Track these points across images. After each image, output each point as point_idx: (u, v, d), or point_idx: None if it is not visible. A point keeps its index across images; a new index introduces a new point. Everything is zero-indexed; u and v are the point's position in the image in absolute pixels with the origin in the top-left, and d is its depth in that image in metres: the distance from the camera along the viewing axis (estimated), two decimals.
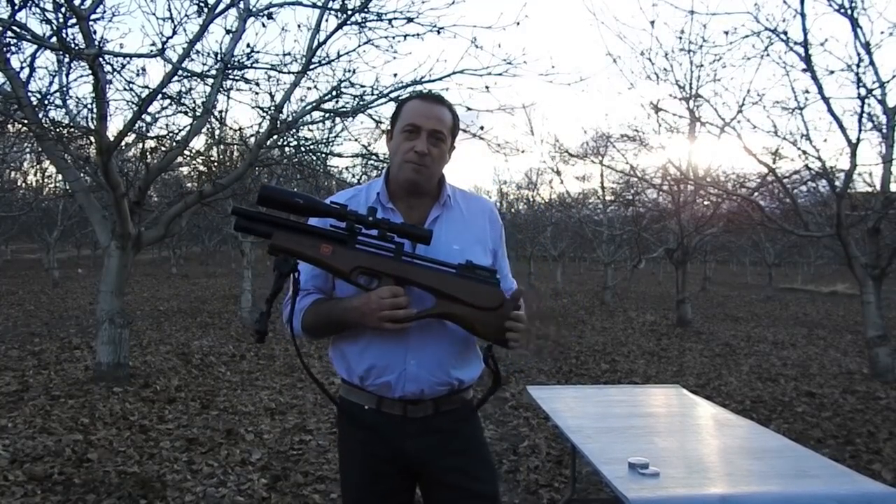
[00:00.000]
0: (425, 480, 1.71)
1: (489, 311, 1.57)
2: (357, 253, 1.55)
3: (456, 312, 1.57)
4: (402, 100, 1.74)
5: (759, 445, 2.55)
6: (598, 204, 17.33)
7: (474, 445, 1.73)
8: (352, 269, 1.53)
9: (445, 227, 1.69)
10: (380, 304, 1.53)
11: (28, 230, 21.31)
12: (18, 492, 3.45)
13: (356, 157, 8.57)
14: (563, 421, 2.89)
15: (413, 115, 1.65)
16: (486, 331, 1.59)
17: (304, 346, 8.66)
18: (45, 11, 4.91)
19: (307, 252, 1.53)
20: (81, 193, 6.30)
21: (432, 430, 1.66)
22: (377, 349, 1.63)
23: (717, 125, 7.43)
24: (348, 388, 1.72)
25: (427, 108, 1.66)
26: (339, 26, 5.86)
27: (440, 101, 1.70)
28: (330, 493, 3.63)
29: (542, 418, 5.00)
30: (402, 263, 1.56)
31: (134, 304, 12.86)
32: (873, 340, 6.86)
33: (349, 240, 1.55)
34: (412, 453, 1.67)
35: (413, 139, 1.63)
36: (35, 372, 6.35)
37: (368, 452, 1.68)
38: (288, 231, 1.53)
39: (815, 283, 26.86)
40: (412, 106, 1.68)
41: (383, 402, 1.66)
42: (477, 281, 1.58)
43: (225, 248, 31.92)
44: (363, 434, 1.69)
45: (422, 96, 1.73)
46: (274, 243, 1.52)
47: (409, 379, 1.63)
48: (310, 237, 1.54)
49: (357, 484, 1.70)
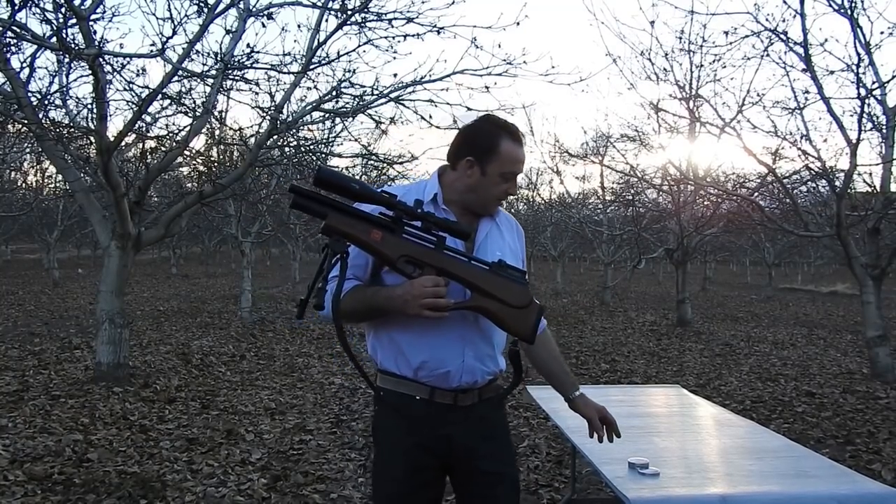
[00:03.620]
0: (462, 468, 1.79)
1: (518, 308, 1.65)
2: (404, 241, 1.61)
3: (488, 307, 1.64)
4: (494, 135, 1.75)
5: (759, 445, 2.55)
6: (598, 204, 17.31)
7: (503, 431, 1.86)
8: (398, 256, 1.60)
9: (493, 241, 1.81)
10: (422, 292, 1.59)
11: (28, 230, 21.29)
12: (18, 492, 3.45)
13: (356, 157, 8.58)
14: (563, 421, 2.89)
15: (513, 164, 1.75)
16: (514, 326, 1.67)
17: (303, 346, 8.66)
18: (45, 11, 4.91)
19: (359, 235, 1.58)
20: (81, 193, 6.29)
21: (474, 418, 1.77)
22: (434, 341, 1.71)
23: (717, 125, 7.42)
24: (396, 380, 1.76)
25: (522, 154, 1.78)
26: (339, 26, 5.85)
27: (524, 142, 1.83)
28: (330, 493, 3.63)
29: (542, 418, 5.00)
30: (444, 256, 1.64)
31: (134, 304, 12.86)
32: (873, 340, 6.86)
33: (396, 228, 1.62)
34: (458, 441, 1.75)
35: (508, 182, 1.77)
36: (35, 372, 6.35)
37: (414, 443, 1.74)
38: (342, 214, 1.58)
39: (815, 283, 26.87)
40: (511, 151, 1.75)
41: (436, 393, 1.73)
42: (509, 279, 1.66)
43: (225, 248, 31.94)
44: (411, 425, 1.75)
45: (515, 138, 1.77)
46: (329, 224, 1.56)
47: (467, 370, 1.73)
48: (362, 222, 1.59)
49: (398, 477, 1.75)
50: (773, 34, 6.61)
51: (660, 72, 7.84)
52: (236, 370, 6.94)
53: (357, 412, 5.34)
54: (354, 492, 3.66)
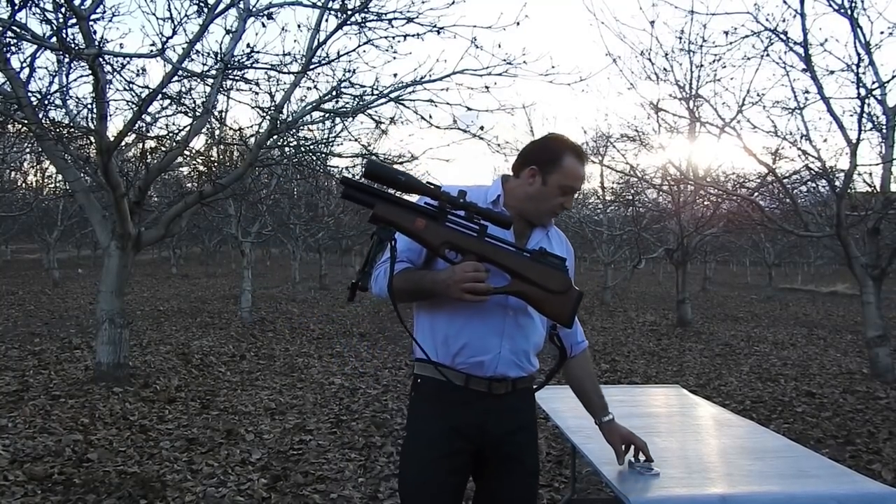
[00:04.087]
0: (489, 454, 1.85)
1: (557, 294, 1.74)
2: (446, 229, 1.70)
3: (527, 292, 1.73)
4: (559, 148, 1.84)
5: (759, 445, 2.55)
6: (598, 204, 17.31)
7: (531, 422, 1.95)
8: (441, 243, 1.69)
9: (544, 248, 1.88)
10: (463, 276, 1.68)
11: (28, 230, 21.29)
12: (18, 492, 3.45)
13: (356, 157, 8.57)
14: (563, 421, 2.89)
15: (574, 179, 1.84)
16: (553, 311, 1.76)
17: (303, 346, 8.66)
18: (45, 11, 4.91)
19: (404, 224, 1.68)
20: (81, 193, 6.29)
21: (508, 407, 1.85)
22: (475, 330, 1.80)
23: (717, 125, 7.42)
24: (433, 366, 1.83)
25: (583, 173, 1.87)
26: (339, 26, 5.85)
27: (586, 162, 1.91)
28: (330, 493, 3.63)
29: (542, 418, 4.99)
30: (485, 243, 1.71)
31: (134, 304, 12.86)
32: (873, 340, 6.86)
33: (440, 217, 1.71)
34: (488, 427, 1.83)
35: (566, 196, 1.85)
36: (35, 372, 6.35)
37: (450, 427, 1.81)
38: (389, 203, 1.68)
39: (815, 283, 26.87)
40: (573, 167, 1.83)
41: (471, 380, 1.81)
42: (549, 266, 1.74)
43: (225, 248, 31.91)
44: (446, 410, 1.82)
45: (579, 155, 1.86)
46: (376, 213, 1.67)
47: (502, 362, 1.82)
48: (407, 211, 1.69)
49: (429, 461, 1.82)
50: (773, 34, 6.61)
51: (660, 72, 7.85)
52: (236, 370, 6.94)
53: (357, 412, 5.34)
54: (354, 492, 3.66)
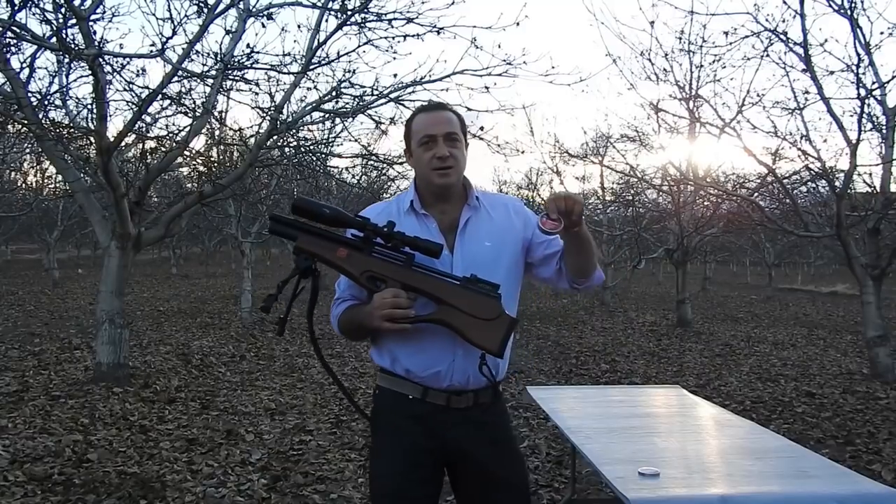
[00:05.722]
0: (458, 470, 1.81)
1: (486, 321, 1.66)
2: (370, 259, 1.70)
3: (452, 320, 1.67)
4: (409, 119, 1.85)
5: (759, 445, 2.55)
6: (598, 204, 17.30)
7: (505, 437, 1.85)
8: (362, 272, 1.70)
9: (477, 227, 1.81)
10: (381, 304, 1.66)
11: (28, 230, 21.27)
12: (18, 492, 3.45)
13: (356, 157, 8.58)
14: (563, 421, 2.89)
15: (425, 127, 1.77)
16: (481, 340, 1.67)
17: (303, 346, 8.66)
18: (45, 12, 4.91)
19: (325, 254, 1.70)
20: (81, 193, 6.29)
21: (471, 421, 1.77)
22: (426, 342, 1.74)
23: (717, 125, 7.42)
24: (392, 378, 1.80)
25: (435, 117, 1.79)
26: (339, 27, 5.86)
27: (444, 108, 1.85)
28: (330, 494, 3.63)
29: (542, 418, 5.00)
30: (409, 271, 1.69)
31: (134, 304, 12.85)
32: (873, 340, 6.86)
33: (365, 247, 1.71)
34: (452, 442, 1.76)
35: (432, 148, 1.76)
36: (35, 372, 6.35)
37: (411, 441, 1.76)
38: (312, 235, 1.72)
39: (815, 283, 26.86)
40: (420, 119, 1.80)
41: (428, 393, 1.76)
42: (478, 293, 1.68)
43: (225, 249, 31.91)
44: (406, 423, 1.77)
45: (425, 108, 1.86)
46: (298, 245, 1.70)
47: (458, 370, 1.74)
48: (330, 242, 1.71)
49: (398, 471, 1.77)
50: (772, 34, 6.61)
51: (660, 72, 7.85)
52: (236, 370, 6.94)
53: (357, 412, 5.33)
54: (354, 492, 3.66)
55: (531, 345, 9.39)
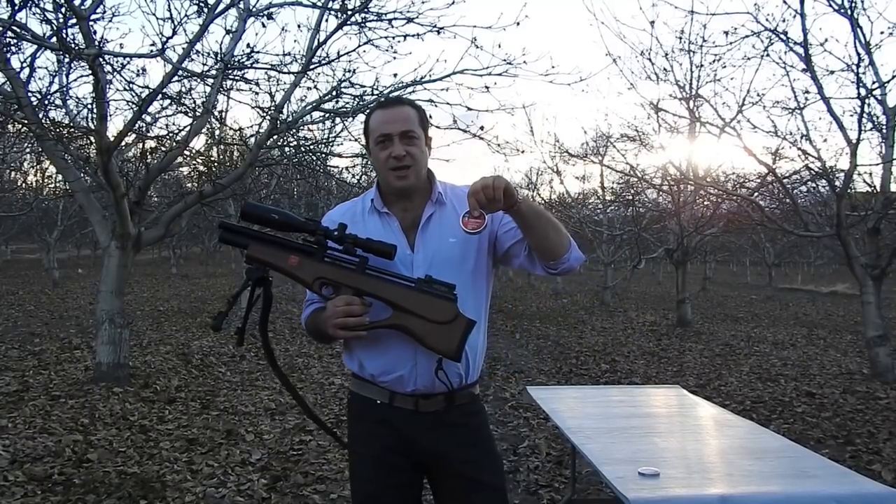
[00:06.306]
0: (436, 473, 1.79)
1: (442, 324, 1.61)
2: (322, 265, 1.66)
3: (408, 325, 1.63)
4: (367, 115, 1.81)
5: (759, 446, 2.55)
6: (598, 204, 17.31)
7: (482, 438, 1.80)
8: (314, 279, 1.65)
9: (440, 223, 1.75)
10: (333, 312, 1.63)
11: (28, 230, 21.27)
12: (18, 492, 3.45)
13: (356, 157, 8.58)
14: (563, 421, 2.89)
15: (380, 125, 1.72)
16: (437, 344, 1.62)
17: (303, 346, 8.66)
18: (45, 11, 4.91)
19: (277, 262, 1.66)
20: (81, 193, 6.29)
21: (444, 424, 1.73)
22: (386, 347, 1.70)
23: (717, 125, 7.43)
24: (360, 383, 1.78)
25: (390, 114, 1.72)
26: (339, 26, 5.85)
27: (400, 103, 1.78)
28: (330, 494, 3.63)
29: (542, 418, 5.00)
30: (362, 276, 1.64)
31: (134, 304, 12.85)
32: (873, 340, 6.86)
33: (317, 252, 1.66)
34: (425, 446, 1.73)
35: (388, 147, 1.70)
36: (35, 372, 6.35)
37: (382, 446, 1.74)
38: (262, 243, 1.67)
39: (815, 283, 26.87)
40: (376, 117, 1.75)
41: (395, 397, 1.73)
42: (433, 295, 1.62)
43: (225, 248, 31.87)
44: (376, 428, 1.75)
45: (381, 105, 1.79)
46: (249, 253, 1.66)
47: (421, 374, 1.70)
48: (281, 249, 1.67)
49: (371, 478, 1.75)
50: (773, 34, 6.62)
51: (660, 72, 7.87)
52: (236, 370, 6.94)
53: None
54: None
55: (531, 345, 9.39)
